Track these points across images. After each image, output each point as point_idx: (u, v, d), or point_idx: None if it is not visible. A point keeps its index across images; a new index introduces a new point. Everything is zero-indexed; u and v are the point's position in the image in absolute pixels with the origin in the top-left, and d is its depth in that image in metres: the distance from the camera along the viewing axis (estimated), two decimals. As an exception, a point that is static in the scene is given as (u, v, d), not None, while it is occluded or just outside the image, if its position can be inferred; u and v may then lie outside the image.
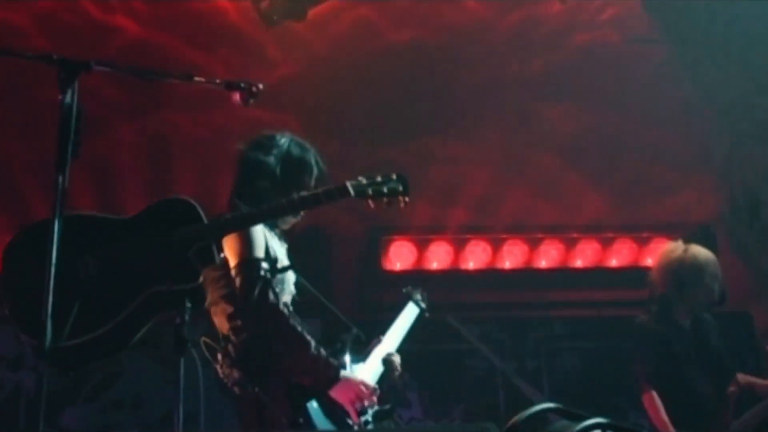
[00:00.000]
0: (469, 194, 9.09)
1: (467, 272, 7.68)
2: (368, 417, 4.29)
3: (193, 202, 4.08)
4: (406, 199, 4.24)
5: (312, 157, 4.53)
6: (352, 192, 4.13)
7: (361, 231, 7.72)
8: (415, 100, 9.20)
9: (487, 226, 8.09)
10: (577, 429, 3.45)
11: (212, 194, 5.14)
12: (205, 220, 4.05)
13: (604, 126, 9.23)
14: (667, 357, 6.01)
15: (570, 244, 7.82)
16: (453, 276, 7.49)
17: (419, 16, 9.52)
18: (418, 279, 7.03)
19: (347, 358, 4.42)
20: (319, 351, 4.17)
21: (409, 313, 5.01)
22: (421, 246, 7.65)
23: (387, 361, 4.60)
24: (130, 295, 3.90)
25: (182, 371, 3.94)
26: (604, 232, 8.03)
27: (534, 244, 7.78)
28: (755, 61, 9.07)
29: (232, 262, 4.19)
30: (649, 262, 7.56)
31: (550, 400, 7.12)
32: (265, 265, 4.19)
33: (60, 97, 3.71)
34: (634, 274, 7.42)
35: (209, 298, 4.24)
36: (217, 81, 4.06)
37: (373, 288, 7.28)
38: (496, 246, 7.74)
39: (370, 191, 4.16)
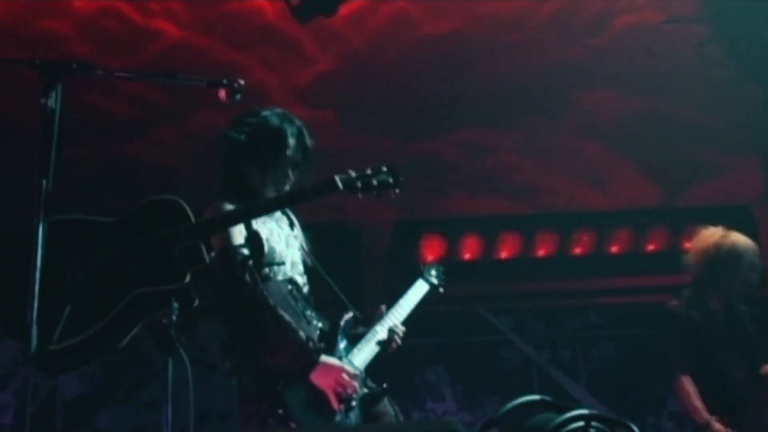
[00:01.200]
0: (509, 183, 8.94)
1: (500, 261, 7.47)
2: (353, 403, 4.11)
3: (180, 201, 3.99)
4: (397, 191, 4.07)
5: (290, 129, 4.34)
6: (340, 185, 3.99)
7: (390, 223, 7.57)
8: (455, 91, 9.05)
9: (522, 214, 7.88)
10: (557, 421, 3.28)
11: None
12: (193, 219, 3.96)
13: (645, 109, 9.00)
14: (699, 342, 5.79)
15: (605, 230, 7.56)
16: (485, 266, 7.29)
17: (457, 6, 9.36)
18: (448, 269, 6.91)
19: (340, 341, 4.26)
20: (297, 333, 4.01)
21: (417, 291, 4.84)
22: (453, 236, 7.47)
23: (390, 331, 4.43)
24: (116, 298, 3.83)
25: (170, 372, 3.87)
26: (643, 216, 7.75)
27: (568, 231, 7.53)
28: (801, 35, 8.73)
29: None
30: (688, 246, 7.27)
31: (587, 390, 6.99)
32: (244, 251, 4.06)
33: (42, 100, 3.60)
34: (672, 258, 7.15)
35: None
36: (200, 79, 3.99)
37: (404, 282, 7.11)
38: (530, 234, 7.51)
39: (359, 184, 4.01)
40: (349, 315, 4.36)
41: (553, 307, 7.53)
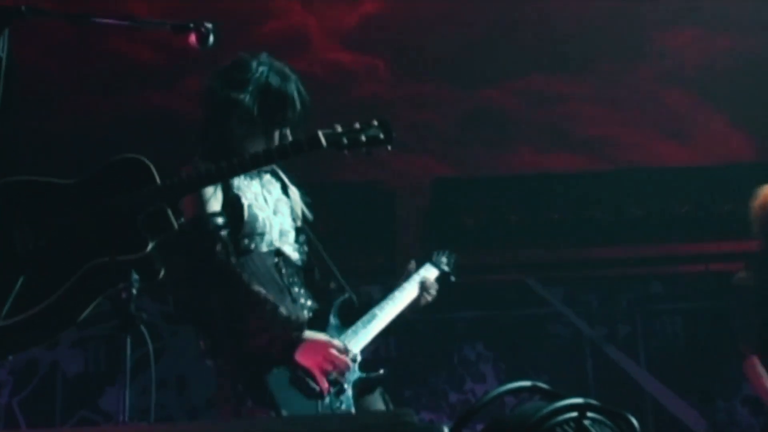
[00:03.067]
0: (580, 136, 8.78)
1: (549, 224, 7.31)
2: (345, 385, 4.00)
3: (146, 161, 3.89)
4: (389, 147, 3.93)
5: (293, 87, 4.23)
6: (324, 142, 3.86)
7: (427, 183, 7.47)
8: (516, 33, 8.84)
9: (574, 172, 7.69)
10: (546, 411, 3.12)
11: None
12: (159, 181, 3.86)
13: (737, 51, 8.68)
14: (770, 318, 5.59)
15: (677, 188, 7.34)
16: (533, 229, 7.15)
17: (517, -60, 9.12)
18: (492, 234, 6.78)
19: (332, 320, 4.13)
20: (276, 310, 3.89)
21: (426, 273, 4.71)
22: (497, 196, 7.34)
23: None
24: (71, 269, 3.76)
25: (129, 351, 3.83)
26: (728, 173, 7.50)
27: (631, 189, 7.33)
28: None
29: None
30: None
31: (648, 371, 6.82)
32: (219, 219, 3.97)
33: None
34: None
35: None
36: (164, 23, 3.93)
37: (440, 246, 7.00)
38: (585, 193, 7.34)
39: (345, 140, 3.88)
40: (344, 296, 4.25)
41: (609, 276, 7.36)
